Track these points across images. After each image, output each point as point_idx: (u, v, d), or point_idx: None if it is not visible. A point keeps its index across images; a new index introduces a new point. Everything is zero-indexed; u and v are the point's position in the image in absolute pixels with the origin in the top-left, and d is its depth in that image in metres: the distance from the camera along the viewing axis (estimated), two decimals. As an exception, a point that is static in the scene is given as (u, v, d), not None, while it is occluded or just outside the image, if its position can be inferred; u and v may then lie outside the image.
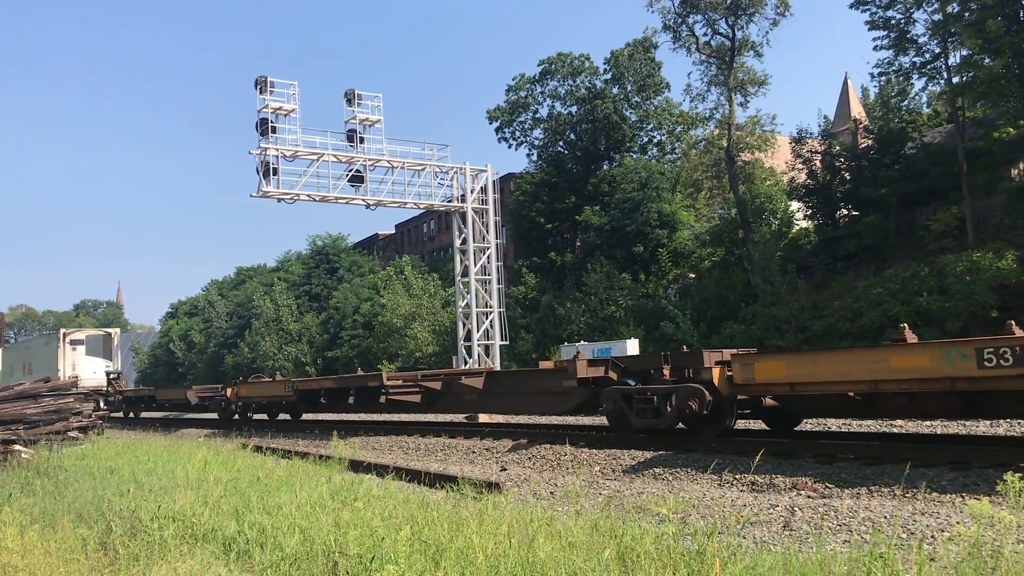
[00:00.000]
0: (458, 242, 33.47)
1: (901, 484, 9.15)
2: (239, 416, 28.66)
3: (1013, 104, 33.49)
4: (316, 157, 29.61)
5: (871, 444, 11.70)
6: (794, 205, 43.93)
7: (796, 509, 8.63)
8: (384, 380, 20.16)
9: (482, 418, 22.65)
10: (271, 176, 28.61)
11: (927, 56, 36.77)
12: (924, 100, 45.70)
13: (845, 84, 61.99)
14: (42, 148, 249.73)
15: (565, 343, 39.53)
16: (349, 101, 30.53)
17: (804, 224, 44.05)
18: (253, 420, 28.51)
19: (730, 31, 42.46)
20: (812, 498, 9.29)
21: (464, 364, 31.97)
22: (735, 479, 10.73)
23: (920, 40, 36.60)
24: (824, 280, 37.66)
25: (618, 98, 55.42)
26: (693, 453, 12.45)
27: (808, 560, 5.66)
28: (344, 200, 30.84)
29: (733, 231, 43.33)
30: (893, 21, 36.85)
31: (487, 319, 32.88)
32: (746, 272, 40.73)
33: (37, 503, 9.94)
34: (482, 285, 32.98)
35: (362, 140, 30.65)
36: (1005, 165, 35.93)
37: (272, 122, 28.89)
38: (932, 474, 9.42)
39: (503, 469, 13.71)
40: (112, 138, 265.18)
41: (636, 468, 12.24)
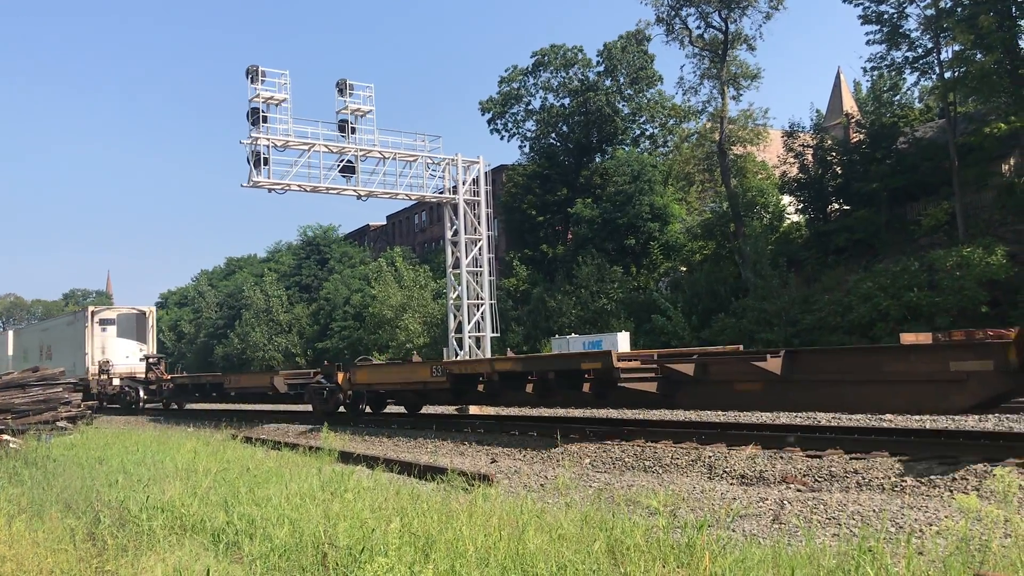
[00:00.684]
0: (449, 234, 33.40)
1: (890, 478, 9.18)
2: (346, 409, 22.47)
3: (1004, 100, 33.60)
4: (307, 147, 29.47)
5: (860, 438, 11.74)
6: (785, 199, 44.05)
7: (786, 502, 8.66)
8: (614, 360, 13.76)
9: (472, 410, 22.68)
10: (262, 166, 28.45)
11: (919, 51, 36.90)
12: (916, 95, 45.91)
13: (838, 78, 62.07)
14: (29, 138, 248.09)
15: (556, 335, 39.59)
16: (341, 91, 30.37)
17: (795, 218, 44.17)
18: (371, 414, 22.71)
19: (723, 24, 42.49)
20: (801, 492, 9.32)
21: (455, 356, 31.95)
22: (725, 472, 10.76)
23: (912, 35, 36.74)
24: (815, 274, 37.78)
25: (611, 90, 55.38)
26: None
27: (797, 553, 5.68)
28: (335, 191, 30.72)
29: (724, 225, 43.42)
30: (886, 16, 36.92)
31: (478, 311, 32.85)
32: (737, 266, 40.82)
33: (25, 493, 9.88)
34: (473, 277, 32.94)
35: (354, 131, 30.51)
36: (996, 161, 36.08)
37: (263, 112, 28.71)
38: (921, 468, 9.46)
39: (493, 461, 13.71)
40: (101, 127, 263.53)
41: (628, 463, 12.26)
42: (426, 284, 57.88)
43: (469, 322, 32.51)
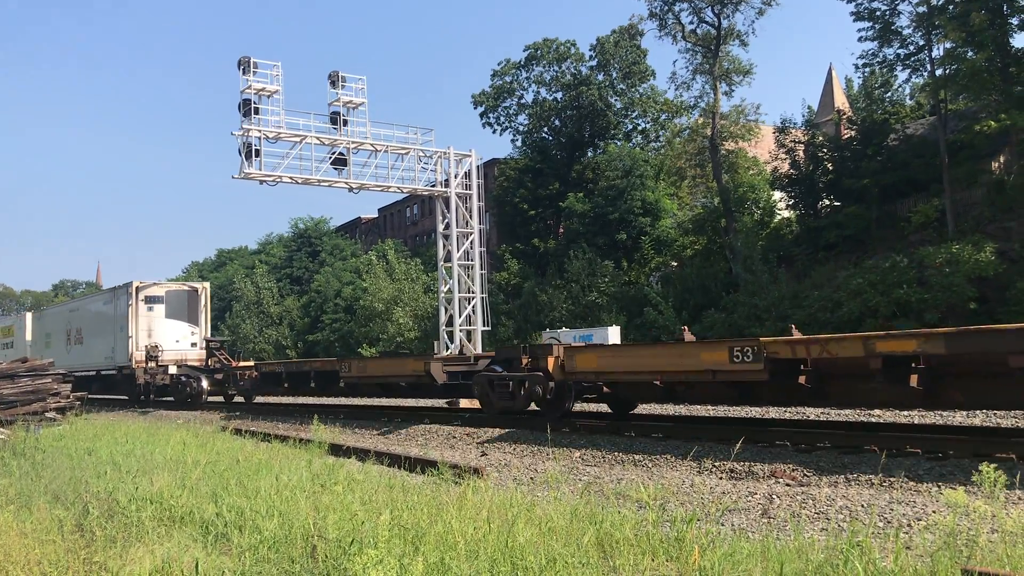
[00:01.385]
0: (441, 227, 33.36)
1: (879, 473, 9.22)
2: (542, 406, 15.77)
3: (995, 97, 33.72)
4: (299, 139, 29.36)
5: (849, 433, 11.79)
6: (776, 195, 44.14)
7: (775, 497, 8.68)
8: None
9: (463, 403, 22.67)
10: (253, 158, 28.33)
11: (911, 48, 36.99)
12: (907, 92, 46.11)
13: (829, 75, 62.23)
14: (17, 126, 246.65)
15: (547, 329, 39.61)
16: (333, 83, 30.26)
17: (786, 214, 44.28)
18: (576, 414, 16.72)
19: (716, 20, 42.52)
20: (791, 486, 9.34)
21: (445, 350, 31.93)
22: (715, 466, 10.79)
23: (904, 32, 36.82)
24: (805, 270, 37.88)
25: (603, 85, 55.37)
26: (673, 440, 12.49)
27: (786, 547, 5.69)
28: (327, 183, 30.61)
29: (716, 220, 43.49)
30: (878, 12, 37.00)
31: (469, 304, 32.82)
32: (728, 261, 40.91)
33: (13, 484, 9.84)
34: (465, 270, 32.90)
35: (346, 123, 30.41)
36: (986, 158, 36.24)
37: (255, 103, 28.59)
38: (909, 463, 9.49)
39: (483, 454, 13.71)
40: (91, 117, 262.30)
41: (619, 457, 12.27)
42: (417, 277, 57.81)
43: (460, 316, 32.49)
